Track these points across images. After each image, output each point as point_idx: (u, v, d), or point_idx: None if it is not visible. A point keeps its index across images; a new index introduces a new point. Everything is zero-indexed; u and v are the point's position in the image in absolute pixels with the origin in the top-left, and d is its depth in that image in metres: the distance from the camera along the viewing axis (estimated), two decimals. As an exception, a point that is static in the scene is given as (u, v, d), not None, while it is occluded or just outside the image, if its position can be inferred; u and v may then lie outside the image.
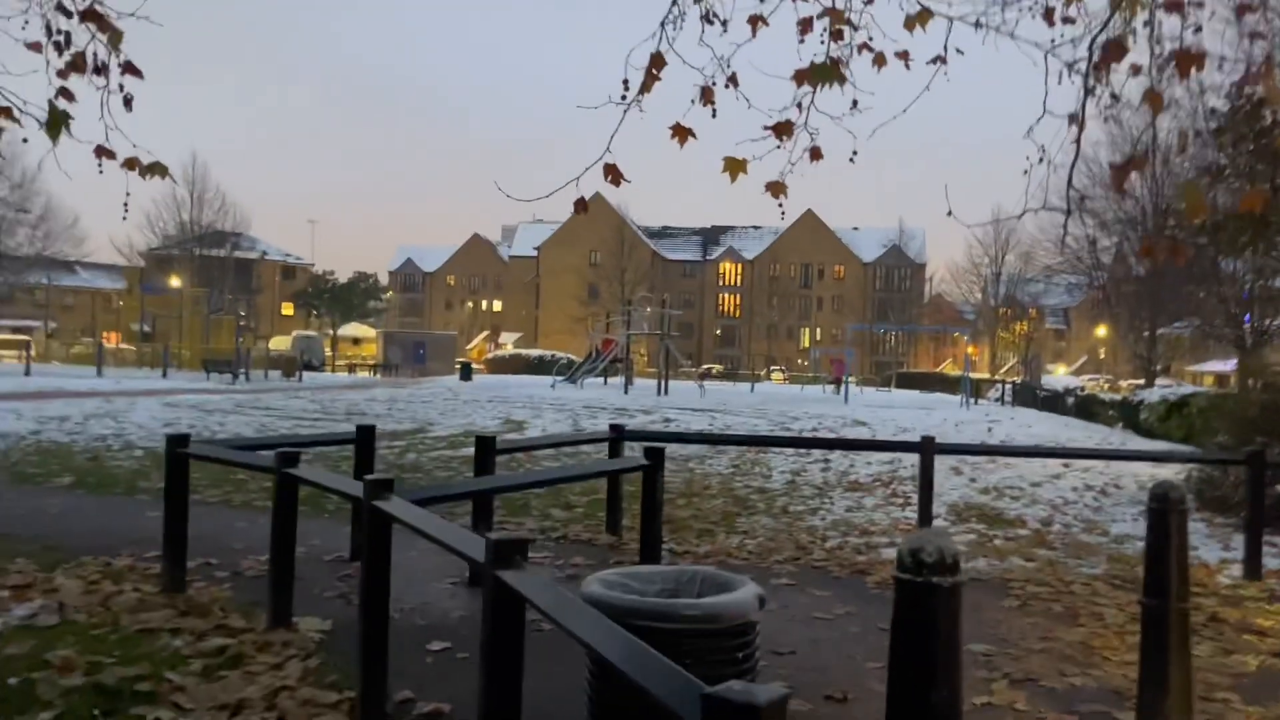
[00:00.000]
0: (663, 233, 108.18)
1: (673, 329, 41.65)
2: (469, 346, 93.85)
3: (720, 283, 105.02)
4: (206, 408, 20.48)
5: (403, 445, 14.97)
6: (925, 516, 8.05)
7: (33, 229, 47.46)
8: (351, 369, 56.91)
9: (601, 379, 40.29)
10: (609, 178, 5.66)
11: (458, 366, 43.38)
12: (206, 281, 61.63)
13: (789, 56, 5.52)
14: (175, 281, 59.62)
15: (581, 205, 5.60)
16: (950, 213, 5.75)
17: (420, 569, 6.67)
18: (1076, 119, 4.79)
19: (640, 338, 39.20)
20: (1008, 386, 41.03)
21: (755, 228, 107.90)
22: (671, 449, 13.59)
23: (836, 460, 13.64)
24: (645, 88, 5.53)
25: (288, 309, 77.33)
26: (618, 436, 8.02)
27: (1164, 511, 3.69)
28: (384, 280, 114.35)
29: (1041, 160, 5.49)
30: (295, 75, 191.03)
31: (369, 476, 3.81)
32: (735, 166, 5.69)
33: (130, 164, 5.71)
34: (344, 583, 6.39)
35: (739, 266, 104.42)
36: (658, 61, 5.42)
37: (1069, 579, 7.25)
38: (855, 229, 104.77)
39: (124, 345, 58.56)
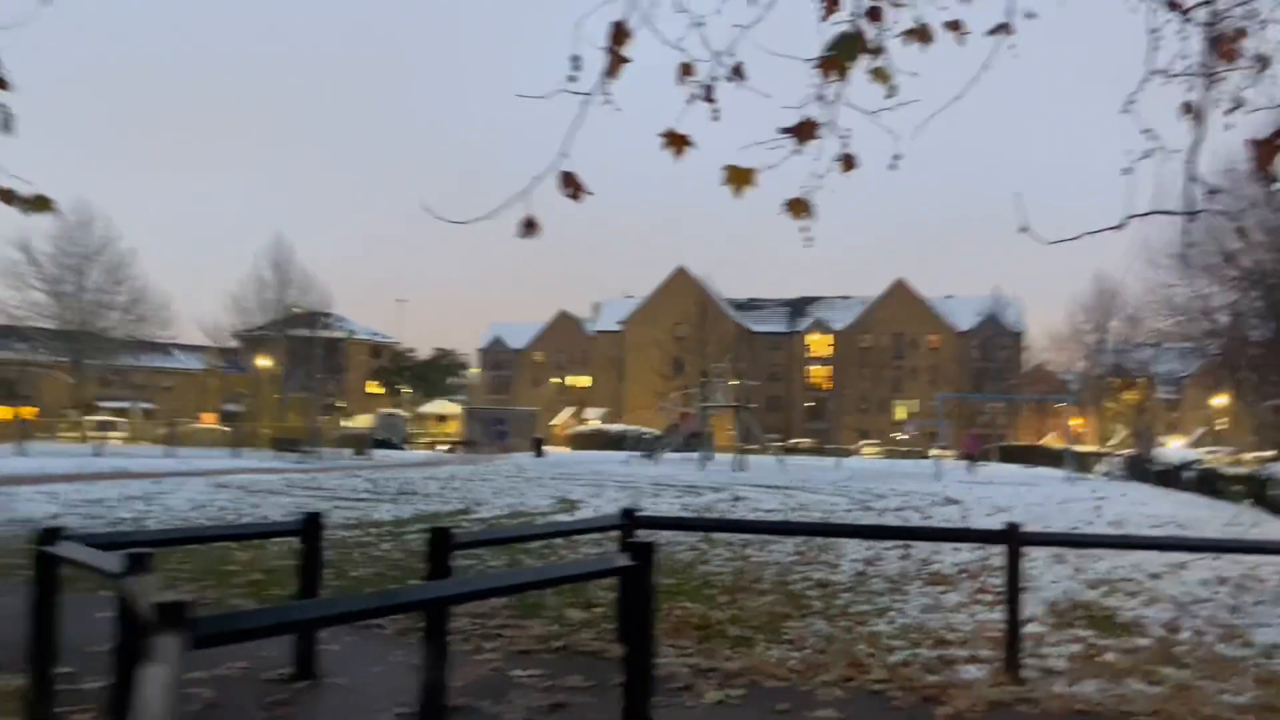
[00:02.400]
0: (749, 304, 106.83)
1: (751, 400, 40.02)
2: (553, 422, 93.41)
3: (808, 355, 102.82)
4: (255, 488, 19.71)
5: (414, 531, 13.73)
6: (1014, 622, 6.38)
7: (125, 312, 48.64)
8: (432, 446, 56.56)
9: (679, 455, 38.79)
10: (567, 189, 4.36)
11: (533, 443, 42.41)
12: (295, 361, 62.51)
13: (808, 38, 4.20)
14: (263, 361, 60.65)
15: (530, 226, 4.32)
16: (1025, 228, 4.32)
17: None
18: (1202, 73, 3.39)
19: (719, 411, 37.70)
20: (1117, 460, 38.07)
21: (844, 297, 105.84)
22: (727, 534, 12.07)
23: (919, 546, 11.91)
24: (611, 71, 4.21)
25: (375, 388, 78.00)
26: (628, 524, 6.61)
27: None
28: (474, 358, 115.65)
29: (1148, 155, 4.03)
30: (393, 158, 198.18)
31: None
32: (740, 177, 4.36)
33: (4, 196, 4.71)
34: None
35: (828, 338, 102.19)
36: (619, 36, 4.12)
37: (1208, 712, 5.51)
38: (949, 297, 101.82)
39: (217, 426, 59.58)
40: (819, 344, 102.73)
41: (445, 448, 54.01)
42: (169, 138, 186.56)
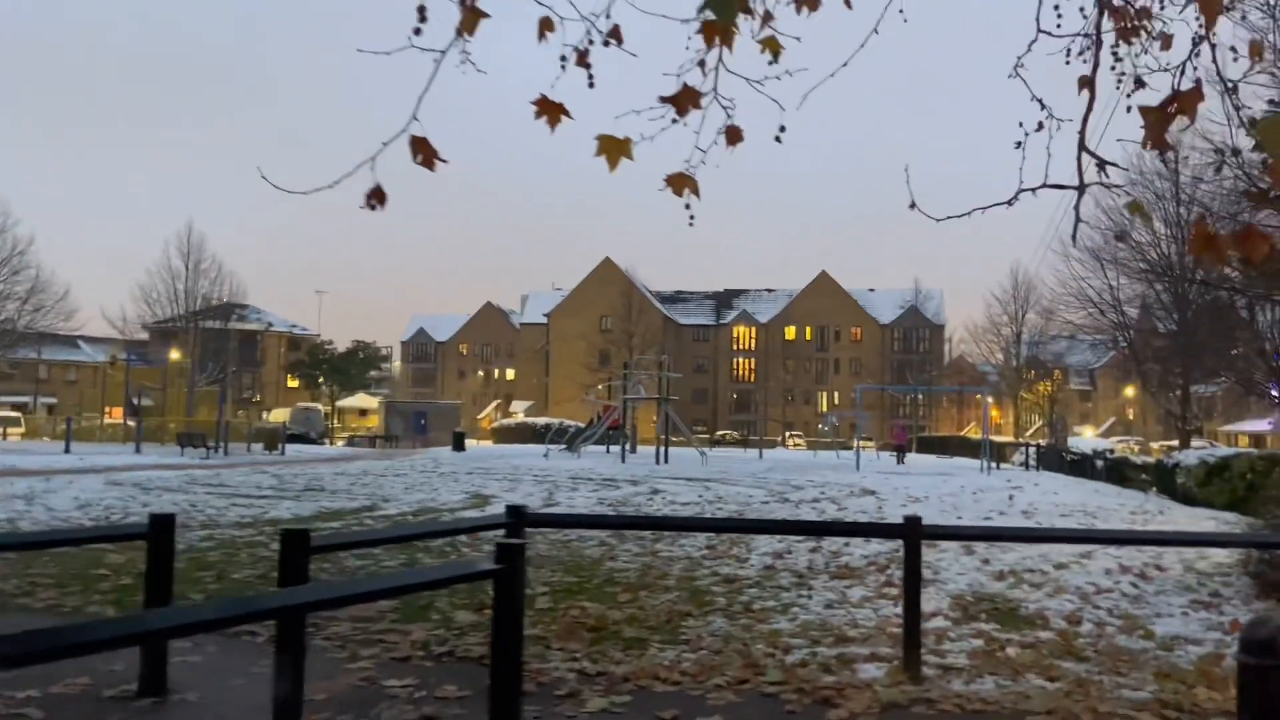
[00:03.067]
0: (676, 297, 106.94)
1: (672, 393, 39.83)
2: (480, 416, 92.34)
3: (734, 347, 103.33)
4: (150, 484, 18.82)
5: (313, 530, 13.18)
6: (913, 618, 6.17)
7: (22, 301, 46.47)
8: (351, 441, 55.27)
9: (603, 447, 38.42)
10: (418, 156, 3.95)
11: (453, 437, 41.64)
12: (208, 354, 60.46)
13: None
14: (174, 354, 58.56)
15: (376, 196, 3.91)
16: (913, 204, 4.06)
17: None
18: (1091, 38, 3.13)
19: (642, 403, 37.39)
20: (1032, 450, 38.83)
21: (769, 290, 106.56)
22: (639, 530, 11.75)
23: (830, 539, 11.73)
24: (466, 26, 3.80)
25: (294, 382, 76.04)
26: (514, 522, 6.22)
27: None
28: (396, 351, 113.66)
29: (1041, 127, 3.79)
30: (302, 142, 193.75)
31: None
32: (614, 147, 3.97)
33: None
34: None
35: (753, 330, 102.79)
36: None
37: (1105, 709, 5.36)
38: (871, 290, 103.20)
39: (123, 420, 57.33)
40: (744, 336, 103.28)
41: (368, 443, 52.79)
42: (68, 118, 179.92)
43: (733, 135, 4.09)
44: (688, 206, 4.32)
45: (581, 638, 6.85)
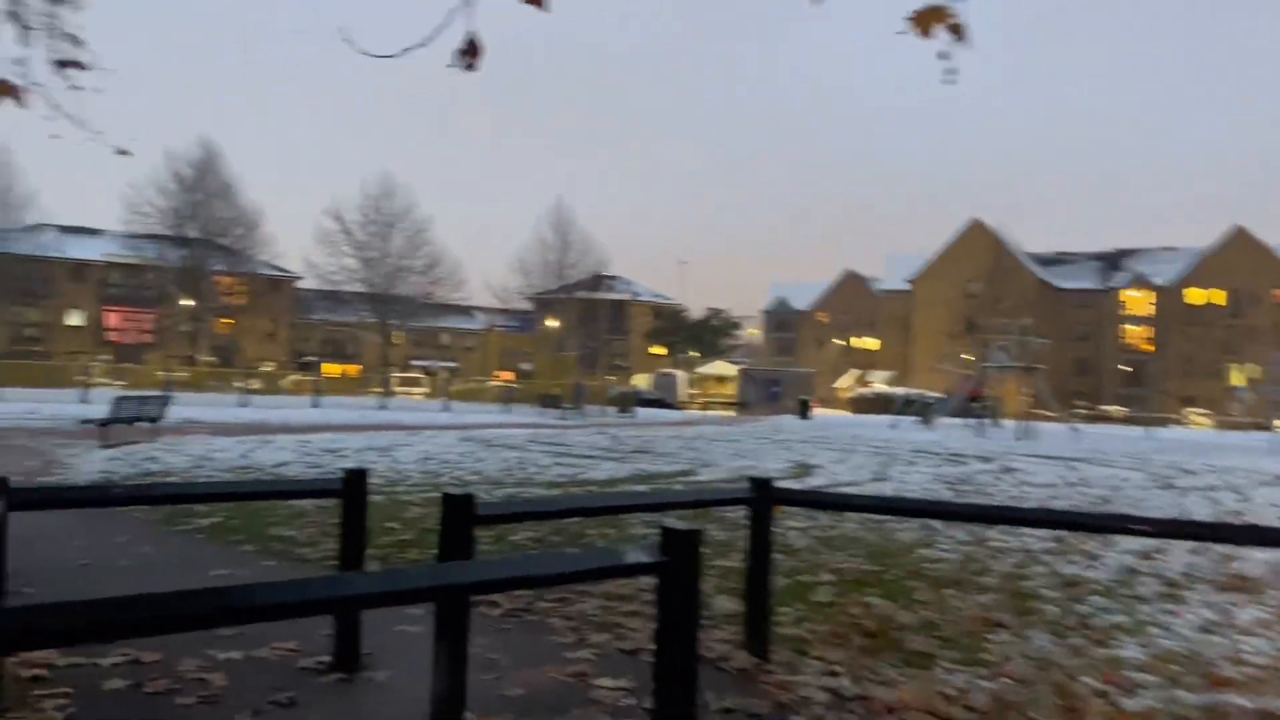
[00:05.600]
0: (1055, 259, 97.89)
1: (1048, 363, 35.93)
2: (837, 385, 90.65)
3: (1123, 313, 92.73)
4: (495, 441, 19.72)
5: (617, 491, 12.69)
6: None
7: (422, 275, 51.97)
8: (705, 407, 56.24)
9: (961, 420, 35.58)
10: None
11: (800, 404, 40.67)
12: (580, 322, 64.42)
13: None
14: (551, 322, 63.01)
15: (470, 53, 3.01)
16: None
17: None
18: None
19: (1003, 373, 34.00)
20: None
21: (1168, 249, 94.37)
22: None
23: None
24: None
25: (657, 349, 79.11)
26: (758, 497, 5.07)
27: None
28: (756, 320, 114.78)
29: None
30: (672, 122, 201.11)
31: None
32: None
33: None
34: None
35: (1149, 294, 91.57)
36: None
37: None
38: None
39: (507, 384, 62.75)
40: (1137, 301, 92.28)
41: (721, 409, 53.45)
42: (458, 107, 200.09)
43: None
44: (944, 56, 2.99)
45: (851, 644, 5.57)
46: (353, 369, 74.49)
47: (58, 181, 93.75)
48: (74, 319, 71.97)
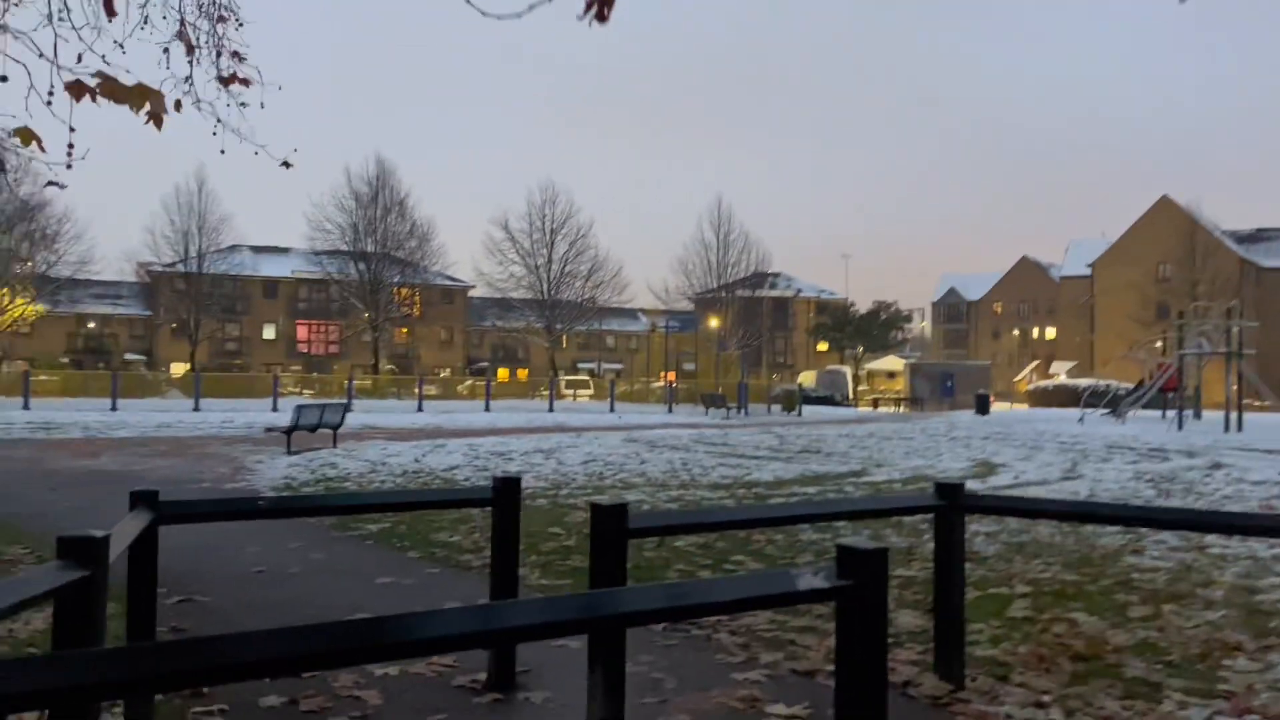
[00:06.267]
0: (1256, 236, 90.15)
1: (1259, 348, 32.87)
2: (1016, 379, 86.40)
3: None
4: (659, 443, 19.50)
5: (782, 496, 12.13)
6: None
7: (586, 279, 52.64)
8: (875, 403, 54.55)
9: (1158, 412, 33.00)
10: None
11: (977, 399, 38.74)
12: (741, 320, 63.77)
13: None
14: (713, 321, 62.62)
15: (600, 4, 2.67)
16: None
17: None
18: None
19: (1207, 360, 31.18)
20: None
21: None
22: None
23: None
24: None
25: (822, 345, 77.51)
26: (947, 506, 4.51)
27: None
28: (926, 312, 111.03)
29: None
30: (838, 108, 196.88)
31: None
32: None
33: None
34: None
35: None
36: None
37: None
38: None
39: (669, 384, 62.88)
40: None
41: (892, 405, 51.71)
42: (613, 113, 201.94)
43: None
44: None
45: (1060, 669, 4.92)
46: (522, 373, 76.48)
47: (249, 204, 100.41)
48: (269, 333, 76.85)
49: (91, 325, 71.65)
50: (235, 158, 6.60)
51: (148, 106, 4.13)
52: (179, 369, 57.79)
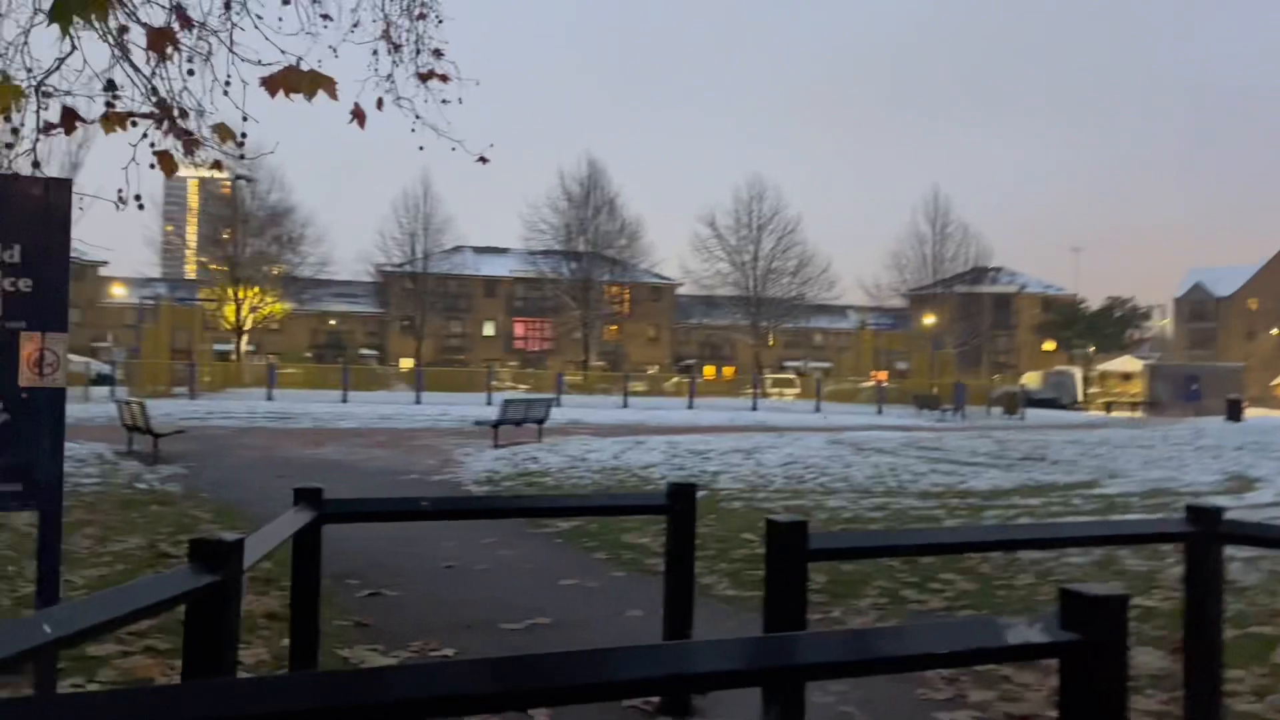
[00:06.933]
0: None
1: None
2: (1274, 382, 78.04)
3: None
4: (865, 445, 18.64)
5: (1001, 507, 11.11)
6: None
7: (793, 276, 51.73)
8: (1108, 408, 50.58)
9: None
10: None
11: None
12: (959, 317, 60.89)
13: None
14: (928, 319, 60.07)
15: None
16: None
17: None
18: None
19: None
20: None
21: None
22: None
23: None
24: None
25: (1049, 345, 72.78)
26: (1198, 533, 3.77)
27: None
28: (1169, 309, 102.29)
29: None
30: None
31: None
32: None
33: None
34: None
35: None
36: None
37: None
38: None
39: (882, 384, 60.86)
40: None
41: (1128, 410, 47.78)
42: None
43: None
44: None
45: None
46: (728, 371, 76.25)
47: (470, 205, 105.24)
48: (489, 329, 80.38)
49: (332, 322, 77.27)
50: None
51: (320, 93, 4.06)
52: (406, 364, 61.32)
